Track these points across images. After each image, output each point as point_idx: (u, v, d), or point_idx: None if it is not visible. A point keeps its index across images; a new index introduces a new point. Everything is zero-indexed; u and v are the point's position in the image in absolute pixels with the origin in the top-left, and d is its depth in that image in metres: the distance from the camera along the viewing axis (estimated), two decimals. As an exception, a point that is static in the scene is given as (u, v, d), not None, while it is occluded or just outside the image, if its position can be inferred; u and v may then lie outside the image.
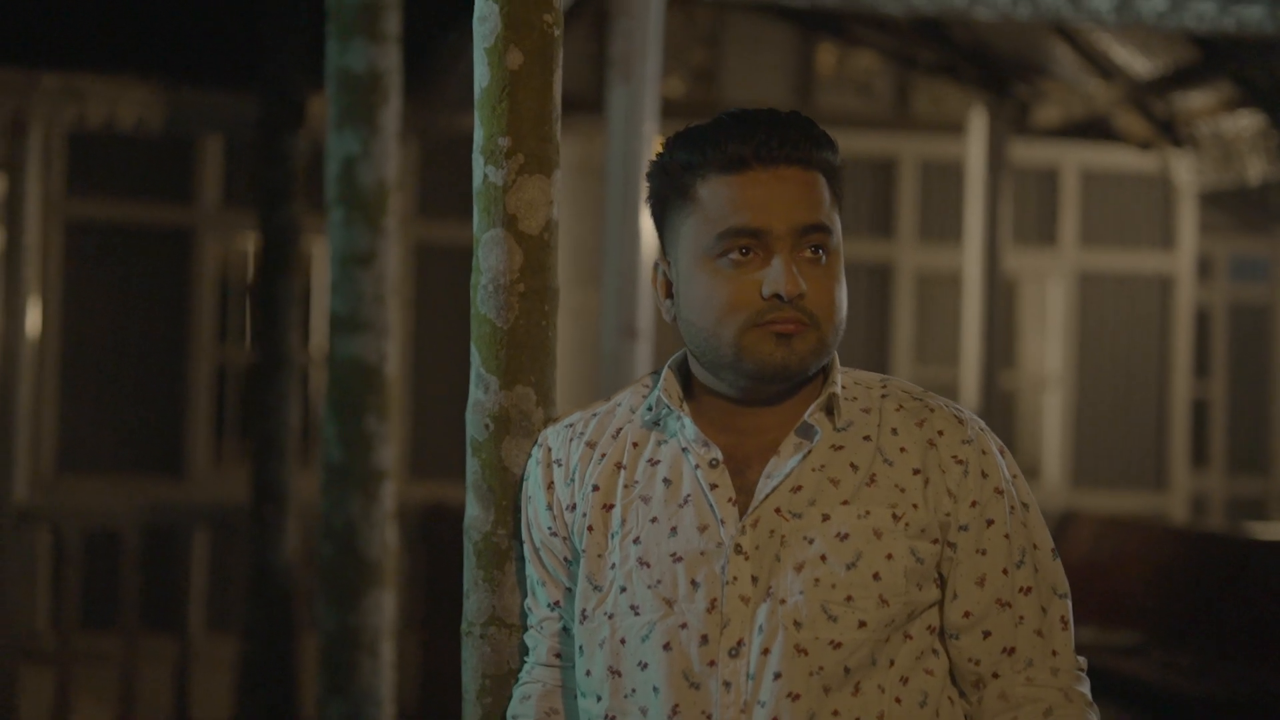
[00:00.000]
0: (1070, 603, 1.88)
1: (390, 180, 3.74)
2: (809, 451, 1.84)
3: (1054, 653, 1.84)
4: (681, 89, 8.91)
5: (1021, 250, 9.05)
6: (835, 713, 1.77)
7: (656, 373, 1.96)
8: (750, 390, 1.85)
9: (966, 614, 1.83)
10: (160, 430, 8.18)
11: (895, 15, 6.50)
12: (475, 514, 2.03)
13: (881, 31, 8.55)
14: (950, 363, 8.93)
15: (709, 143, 1.85)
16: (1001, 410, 8.68)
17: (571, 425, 1.96)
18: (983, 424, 1.91)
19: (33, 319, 7.82)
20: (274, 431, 5.38)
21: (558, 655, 1.96)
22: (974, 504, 1.83)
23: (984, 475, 1.85)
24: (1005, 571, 1.84)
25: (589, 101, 7.62)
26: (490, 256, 2.02)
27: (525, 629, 2.00)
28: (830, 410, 1.86)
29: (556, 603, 1.94)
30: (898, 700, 1.79)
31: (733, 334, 1.81)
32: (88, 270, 8.10)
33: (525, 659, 2.00)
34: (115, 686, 6.52)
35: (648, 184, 1.94)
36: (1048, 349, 9.23)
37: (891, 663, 1.80)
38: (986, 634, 1.83)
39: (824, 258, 1.84)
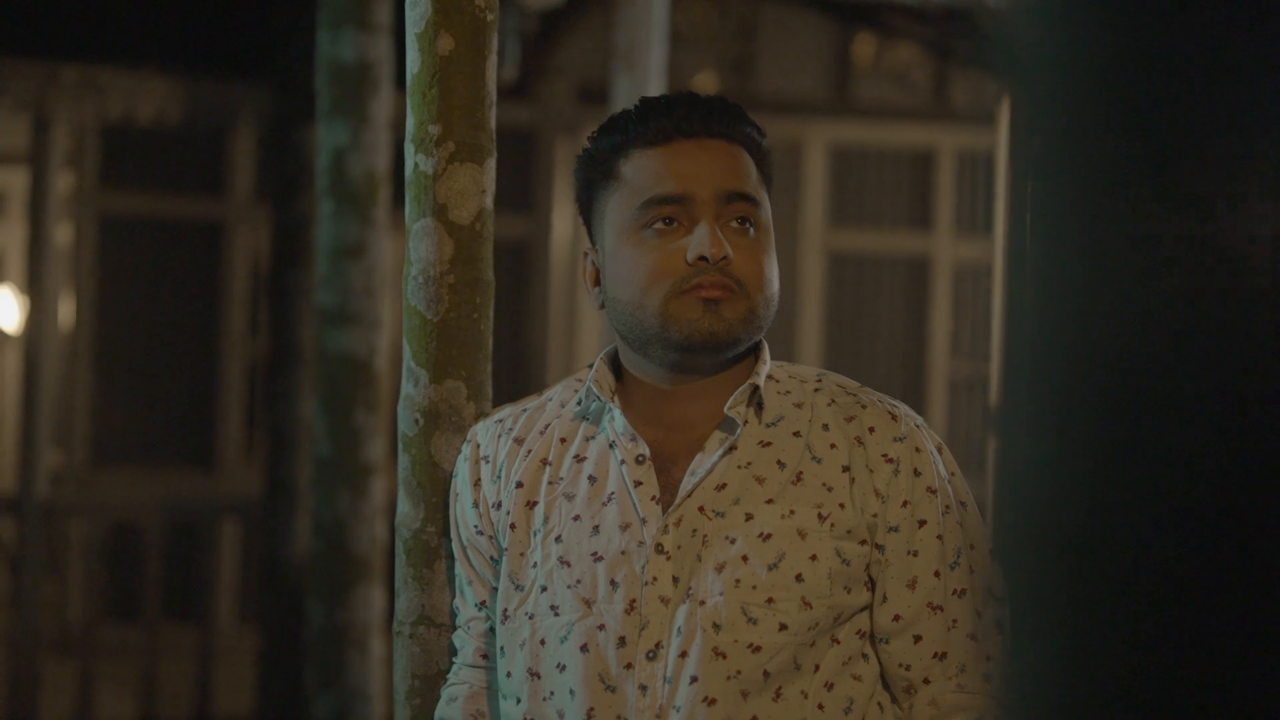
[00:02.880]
0: (1007, 606, 1.81)
1: (380, 171, 3.71)
2: (736, 447, 1.78)
3: (988, 658, 1.78)
4: (716, 82, 8.84)
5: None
6: (754, 718, 1.71)
7: (591, 367, 1.91)
8: (680, 365, 1.80)
9: (896, 618, 1.77)
10: (192, 423, 8.20)
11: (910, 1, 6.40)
12: (405, 511, 1.98)
13: (919, 22, 8.45)
14: (988, 356, 8.82)
15: (631, 121, 1.83)
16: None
17: (501, 421, 1.91)
18: (919, 420, 1.84)
19: (66, 313, 7.85)
20: (284, 425, 5.36)
21: (485, 656, 1.91)
22: (905, 504, 1.77)
23: (916, 474, 1.78)
24: (937, 574, 1.77)
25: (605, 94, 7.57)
26: (420, 247, 1.98)
27: (454, 628, 1.95)
28: (758, 404, 1.80)
29: (483, 602, 1.89)
30: (820, 707, 1.73)
31: (658, 302, 1.77)
32: (120, 264, 8.12)
33: (454, 659, 1.95)
34: (143, 678, 6.53)
35: (575, 179, 1.90)
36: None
37: (816, 668, 1.74)
38: (917, 638, 1.77)
39: (751, 230, 1.80)
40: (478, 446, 1.90)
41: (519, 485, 1.84)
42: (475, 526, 1.88)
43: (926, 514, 1.77)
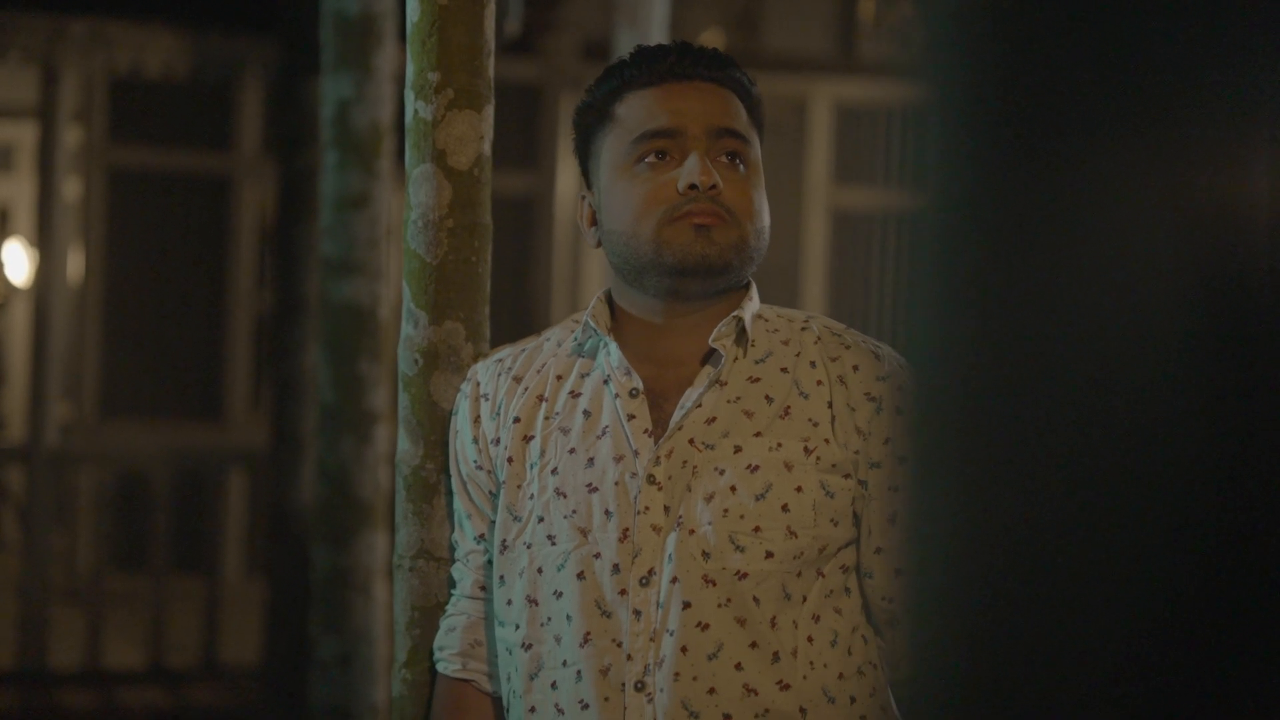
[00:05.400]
0: None
1: (384, 123, 3.76)
2: (725, 382, 1.85)
3: (968, 590, 1.84)
4: (721, 38, 8.86)
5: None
6: (754, 645, 1.77)
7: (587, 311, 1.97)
8: (673, 292, 1.86)
9: (878, 550, 1.83)
10: (199, 375, 8.27)
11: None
12: (405, 448, 2.04)
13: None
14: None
15: (626, 67, 1.92)
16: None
17: (501, 360, 1.98)
18: (903, 360, 1.90)
19: (75, 265, 7.91)
20: (290, 375, 5.43)
21: (482, 588, 1.97)
22: (887, 441, 1.83)
23: (899, 412, 1.84)
24: None
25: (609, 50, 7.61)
26: (420, 192, 2.03)
27: (453, 562, 2.02)
28: (741, 338, 1.87)
29: (482, 536, 1.96)
30: (810, 639, 1.79)
31: (651, 229, 1.84)
32: (129, 217, 8.18)
33: (452, 591, 2.01)
34: (151, 627, 6.62)
35: (573, 127, 1.97)
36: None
37: (804, 599, 1.80)
38: (899, 572, 1.83)
39: (741, 167, 1.88)
40: (478, 385, 1.96)
41: (516, 420, 1.91)
42: (475, 462, 1.94)
43: (908, 451, 1.83)
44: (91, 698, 6.46)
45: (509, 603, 1.88)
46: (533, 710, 1.84)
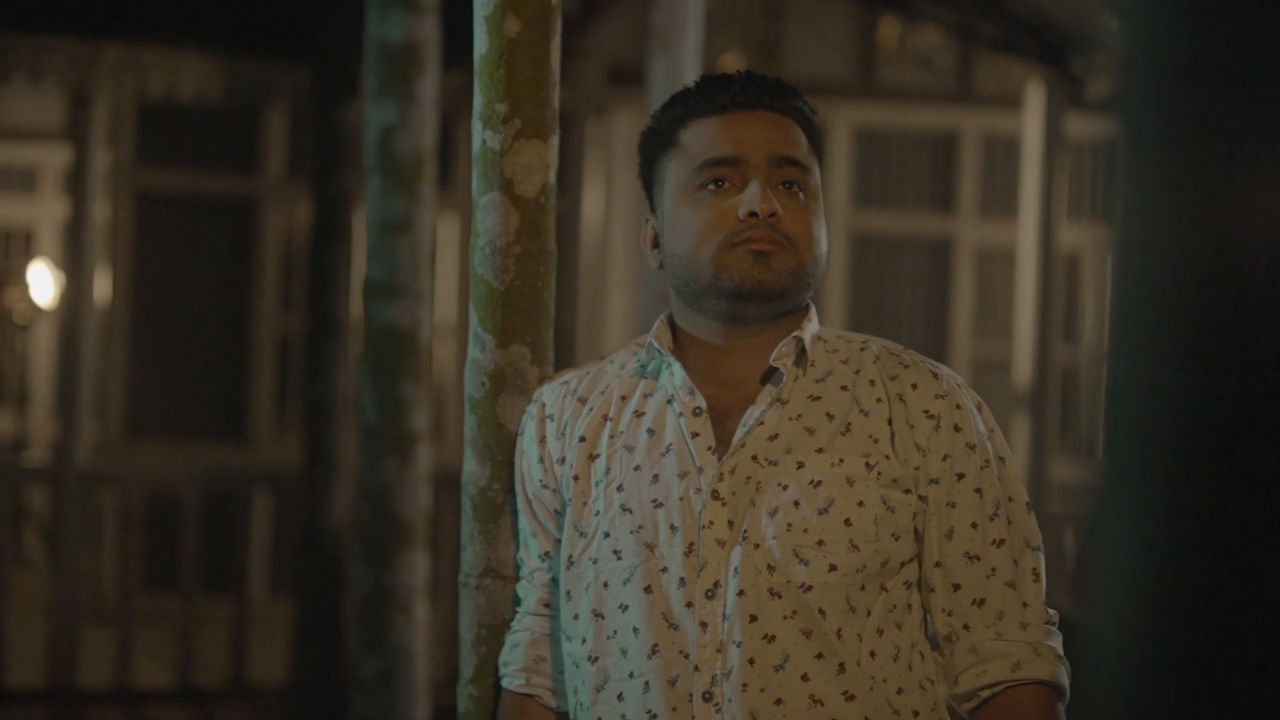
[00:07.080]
0: (1043, 556, 1.93)
1: (427, 149, 3.82)
2: (786, 400, 1.90)
3: (1025, 605, 1.89)
4: (743, 63, 8.93)
5: (1084, 226, 9.01)
6: (820, 656, 1.83)
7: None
8: (732, 316, 1.92)
9: (938, 564, 1.89)
10: (224, 396, 8.33)
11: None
12: (472, 469, 2.10)
13: (943, 5, 8.52)
14: (1009, 338, 8.92)
15: (691, 94, 1.99)
16: (1059, 386, 8.66)
17: (566, 383, 2.04)
18: (959, 380, 1.96)
19: (102, 287, 7.98)
20: (324, 396, 5.48)
21: (547, 605, 2.03)
22: (945, 458, 1.89)
23: (956, 429, 1.90)
24: (975, 525, 1.88)
25: (642, 75, 7.67)
26: (488, 219, 2.09)
27: (518, 579, 2.07)
28: (801, 358, 1.92)
29: (547, 553, 2.01)
30: (872, 654, 1.85)
31: (711, 254, 1.90)
32: (156, 239, 8.25)
33: (517, 609, 2.07)
34: (179, 646, 6.67)
35: (639, 153, 2.03)
36: (1107, 325, 9.17)
37: (869, 613, 1.86)
38: (956, 586, 1.88)
39: (801, 195, 1.94)
40: (543, 406, 2.02)
41: (581, 439, 1.97)
42: (540, 481, 2.00)
43: (965, 468, 1.89)
44: (120, 716, 6.51)
45: (575, 617, 1.94)
46: (599, 721, 1.90)
